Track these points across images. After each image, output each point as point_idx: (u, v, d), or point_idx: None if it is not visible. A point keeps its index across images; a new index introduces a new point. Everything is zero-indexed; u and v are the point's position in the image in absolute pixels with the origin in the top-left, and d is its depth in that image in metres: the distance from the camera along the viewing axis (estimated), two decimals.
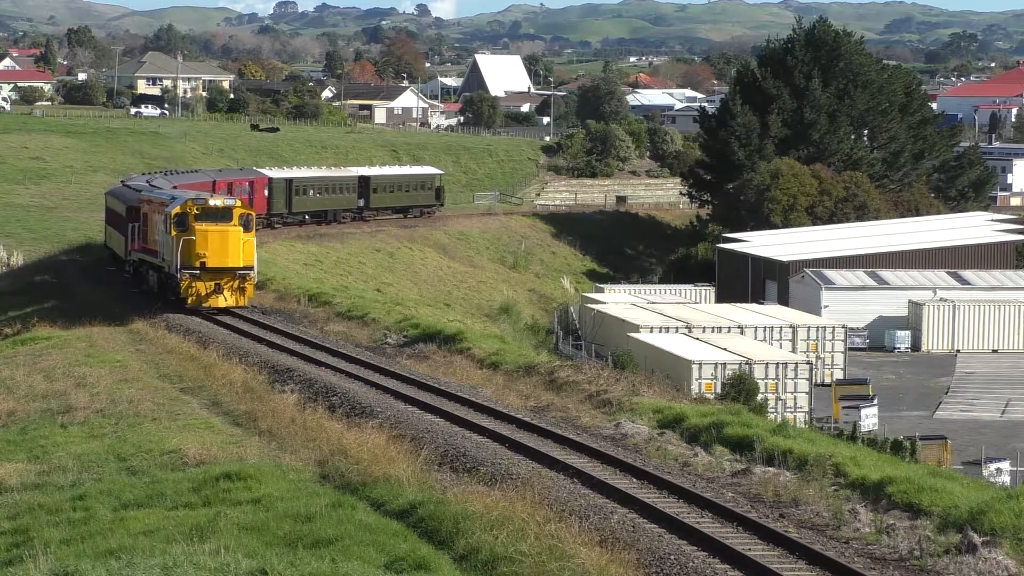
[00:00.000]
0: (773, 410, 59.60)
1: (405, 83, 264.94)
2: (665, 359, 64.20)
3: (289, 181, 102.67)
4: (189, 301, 56.41)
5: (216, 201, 57.41)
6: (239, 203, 57.85)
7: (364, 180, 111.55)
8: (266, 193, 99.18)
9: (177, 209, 56.46)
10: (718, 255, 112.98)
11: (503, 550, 24.56)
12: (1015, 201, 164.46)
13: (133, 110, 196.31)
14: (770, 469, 32.16)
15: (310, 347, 50.09)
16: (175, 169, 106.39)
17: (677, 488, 29.79)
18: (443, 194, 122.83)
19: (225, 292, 56.50)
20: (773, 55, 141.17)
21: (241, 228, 56.49)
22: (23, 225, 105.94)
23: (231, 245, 56.17)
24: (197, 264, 56.17)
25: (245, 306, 57.03)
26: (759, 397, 59.66)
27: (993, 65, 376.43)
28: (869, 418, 62.84)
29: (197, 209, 56.38)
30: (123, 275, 71.32)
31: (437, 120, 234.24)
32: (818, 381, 69.04)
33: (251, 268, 56.87)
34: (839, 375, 74.74)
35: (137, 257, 63.99)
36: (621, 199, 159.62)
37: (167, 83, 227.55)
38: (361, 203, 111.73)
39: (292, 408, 38.72)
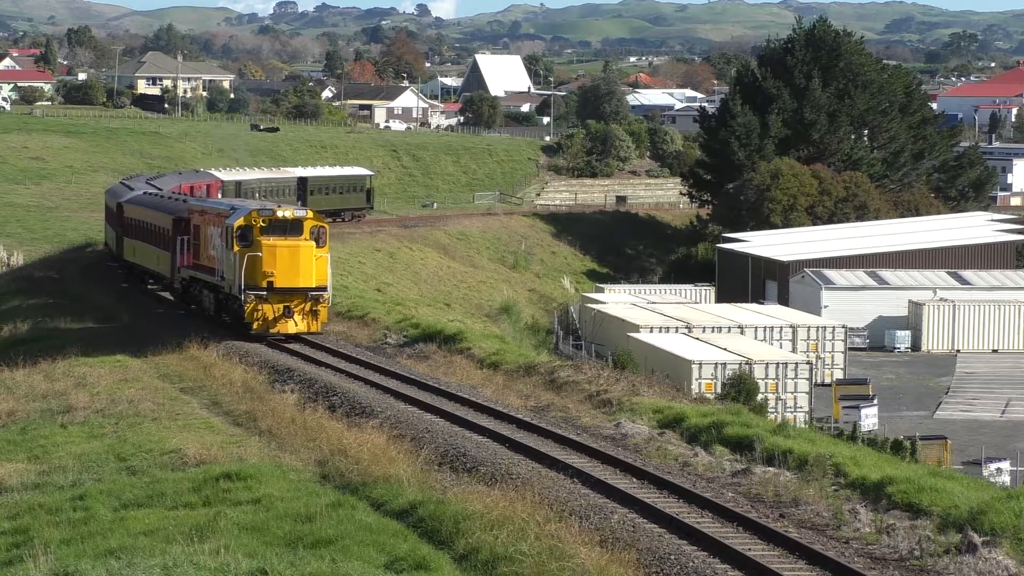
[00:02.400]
0: (773, 410, 59.63)
1: (405, 83, 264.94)
2: (665, 359, 64.21)
3: (238, 184, 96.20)
4: (255, 327, 49.41)
5: (285, 212, 50.19)
6: (310, 214, 50.75)
7: (302, 181, 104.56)
8: (220, 196, 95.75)
9: (240, 221, 49.75)
10: (718, 255, 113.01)
11: (503, 550, 24.57)
12: (1015, 201, 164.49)
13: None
14: (770, 469, 32.16)
15: (310, 347, 50.08)
16: (140, 174, 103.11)
17: (677, 488, 29.78)
18: (373, 196, 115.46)
19: (295, 316, 49.40)
20: (773, 55, 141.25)
21: (313, 243, 49.70)
22: (23, 225, 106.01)
23: (302, 262, 49.27)
24: (263, 284, 49.09)
25: (319, 332, 50.13)
26: (759, 397, 59.69)
27: (993, 65, 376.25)
28: (869, 418, 62.88)
29: (263, 221, 49.57)
30: (145, 290, 67.14)
31: (437, 120, 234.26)
32: (818, 381, 69.06)
33: (324, 288, 49.78)
34: (839, 375, 74.77)
35: (188, 275, 56.66)
36: (621, 199, 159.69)
37: (167, 83, 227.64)
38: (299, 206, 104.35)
39: (292, 408, 38.73)
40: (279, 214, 49.91)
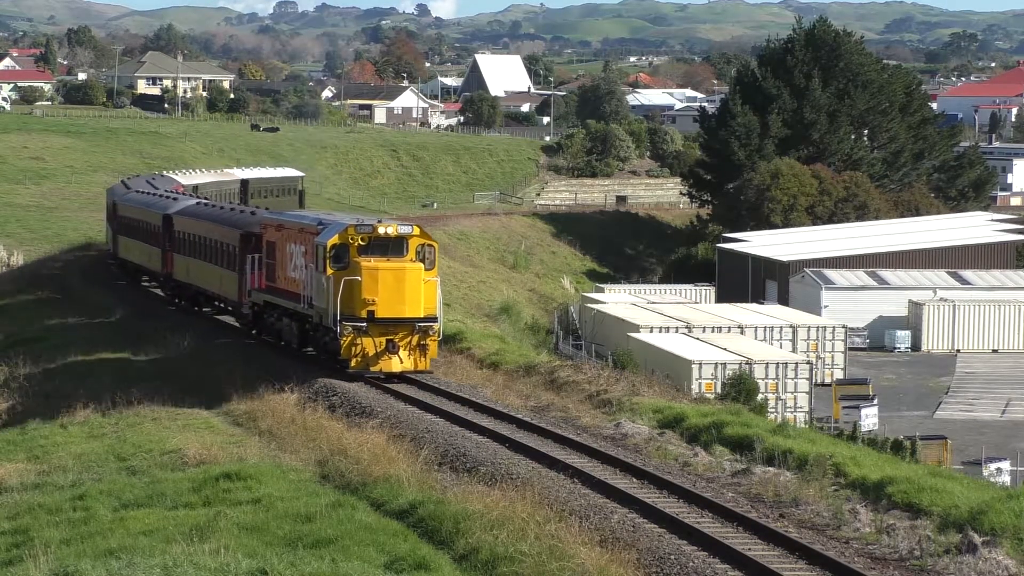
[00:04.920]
0: (773, 410, 59.65)
1: (405, 83, 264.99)
2: (665, 359, 64.22)
3: (195, 187, 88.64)
4: (352, 364, 42.18)
5: (387, 228, 42.95)
6: (417, 230, 43.58)
7: (244, 184, 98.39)
8: None
9: (335, 239, 42.68)
10: (718, 255, 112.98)
11: (503, 550, 24.58)
12: (1015, 201, 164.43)
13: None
14: (770, 469, 32.16)
15: None
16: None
17: (677, 488, 29.80)
18: (305, 198, 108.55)
19: (401, 352, 42.23)
20: (773, 55, 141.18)
21: (421, 264, 42.69)
22: (23, 225, 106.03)
23: (409, 288, 42.13)
24: (363, 313, 41.94)
25: (428, 371, 42.89)
26: (759, 397, 59.69)
27: (993, 65, 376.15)
28: (869, 418, 62.87)
29: (362, 239, 42.58)
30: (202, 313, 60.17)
31: (437, 120, 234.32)
32: (818, 381, 69.06)
33: (434, 319, 42.48)
34: (839, 375, 74.75)
35: (262, 299, 49.56)
36: (621, 199, 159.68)
37: (167, 83, 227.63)
38: None
39: (292, 408, 38.73)
40: (380, 230, 42.79)
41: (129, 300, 65.93)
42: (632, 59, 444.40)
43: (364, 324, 41.97)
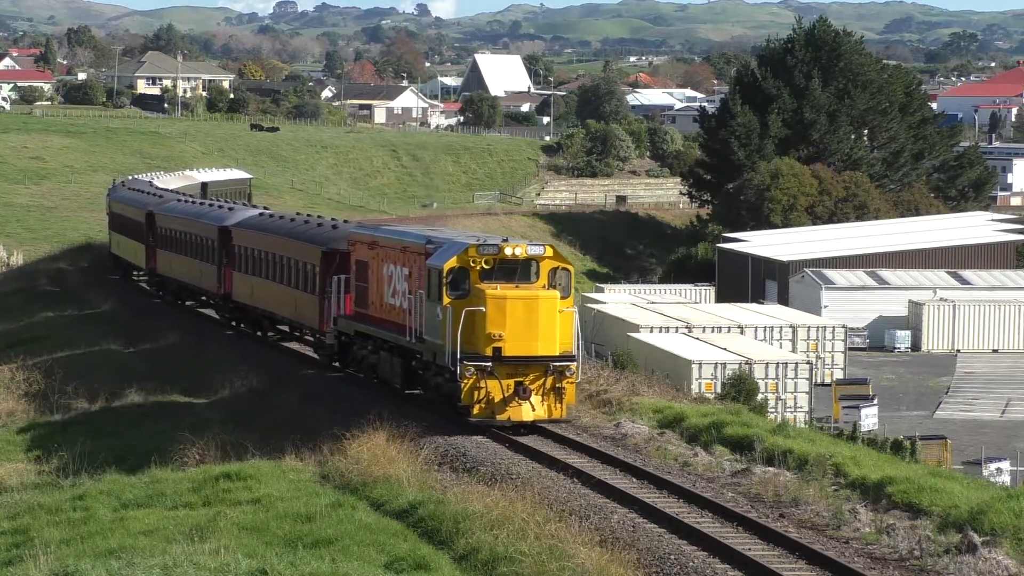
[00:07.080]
0: (773, 410, 59.61)
1: (405, 83, 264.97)
2: (665, 359, 64.20)
3: (173, 192, 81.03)
4: (475, 412, 35.23)
5: (515, 249, 35.97)
6: (550, 251, 36.53)
7: (204, 186, 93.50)
8: None
9: (452, 262, 35.81)
10: (718, 255, 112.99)
11: (503, 550, 24.59)
12: (1015, 201, 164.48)
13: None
14: (770, 469, 32.14)
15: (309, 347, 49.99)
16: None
17: (677, 488, 29.80)
18: (251, 200, 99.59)
19: (533, 397, 35.33)
20: (773, 55, 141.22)
21: (556, 292, 35.88)
22: (23, 225, 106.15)
23: (542, 320, 35.40)
24: (488, 351, 35.18)
25: (565, 420, 36.13)
26: (759, 397, 59.67)
27: (993, 65, 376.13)
28: (869, 418, 62.87)
29: (485, 261, 35.74)
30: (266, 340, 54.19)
31: (437, 120, 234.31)
32: (818, 381, 69.04)
33: (572, 357, 35.76)
34: (839, 375, 74.72)
35: (352, 328, 42.40)
36: (621, 199, 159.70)
37: (167, 83, 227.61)
38: None
39: (292, 408, 38.71)
40: (507, 251, 35.77)
41: (181, 324, 59.37)
42: (632, 59, 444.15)
43: (489, 364, 35.16)
